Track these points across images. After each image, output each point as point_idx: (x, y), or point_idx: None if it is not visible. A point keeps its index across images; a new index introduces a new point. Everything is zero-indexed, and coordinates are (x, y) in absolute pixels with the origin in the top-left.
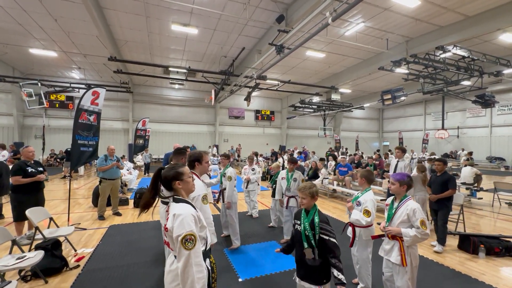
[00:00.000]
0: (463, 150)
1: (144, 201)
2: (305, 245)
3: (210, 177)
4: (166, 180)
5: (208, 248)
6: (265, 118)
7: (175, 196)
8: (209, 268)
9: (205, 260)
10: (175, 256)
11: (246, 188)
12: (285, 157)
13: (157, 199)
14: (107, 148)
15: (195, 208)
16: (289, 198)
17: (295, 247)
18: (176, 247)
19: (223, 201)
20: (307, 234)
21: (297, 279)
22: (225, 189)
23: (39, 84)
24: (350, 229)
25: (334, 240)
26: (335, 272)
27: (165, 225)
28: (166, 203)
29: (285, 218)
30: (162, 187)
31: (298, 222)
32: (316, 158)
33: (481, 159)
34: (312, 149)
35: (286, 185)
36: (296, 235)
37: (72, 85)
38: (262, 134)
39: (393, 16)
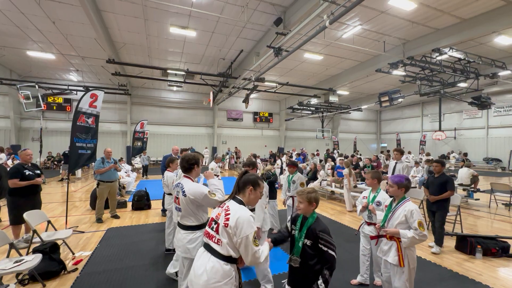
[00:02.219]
0: (452, 152)
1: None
2: (295, 253)
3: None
4: (245, 182)
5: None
6: (264, 120)
7: (238, 197)
8: (238, 274)
9: (233, 265)
10: (214, 252)
11: None
12: (284, 159)
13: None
14: (104, 151)
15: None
16: (288, 197)
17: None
18: (247, 245)
19: None
20: (301, 242)
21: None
22: (252, 209)
23: (36, 86)
24: (369, 228)
25: (333, 253)
26: (320, 281)
27: (212, 218)
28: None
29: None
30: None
31: (294, 227)
32: (316, 160)
33: (477, 160)
34: (310, 151)
35: (287, 186)
36: (291, 239)
37: (70, 87)
38: (261, 136)
39: (390, 19)
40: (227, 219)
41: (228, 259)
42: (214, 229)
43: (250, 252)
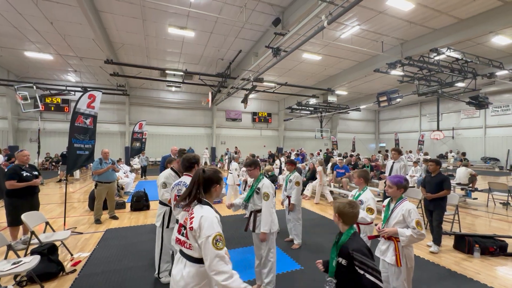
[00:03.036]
0: (451, 151)
1: (189, 200)
2: (329, 273)
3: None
4: (209, 181)
5: None
6: (262, 120)
7: (202, 198)
8: None
9: None
10: (189, 257)
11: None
12: (283, 159)
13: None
14: (101, 152)
15: (216, 212)
16: (285, 198)
17: None
18: (206, 248)
19: (253, 229)
20: (335, 261)
21: None
22: (258, 211)
23: (34, 87)
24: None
25: (372, 279)
26: None
27: (181, 224)
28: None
29: (287, 218)
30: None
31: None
32: (315, 160)
33: (475, 160)
34: (309, 151)
35: (284, 185)
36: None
37: (68, 88)
38: (260, 136)
39: (388, 19)
40: (191, 222)
41: (203, 260)
42: (184, 235)
43: (209, 255)
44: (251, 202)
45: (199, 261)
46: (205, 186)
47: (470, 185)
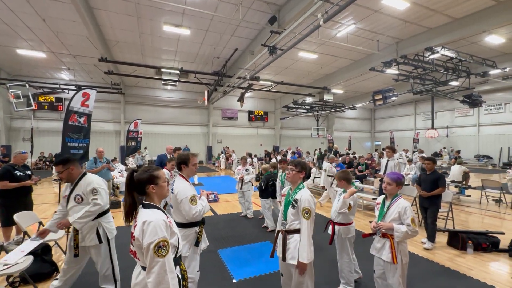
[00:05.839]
0: (444, 148)
1: (126, 209)
2: None
3: None
4: (140, 183)
5: (178, 255)
6: (259, 119)
7: (144, 202)
8: (180, 276)
9: (175, 267)
10: (142, 267)
11: (241, 188)
12: (279, 157)
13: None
14: (96, 151)
15: (165, 214)
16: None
17: None
18: (147, 256)
19: (283, 257)
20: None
21: None
22: (290, 232)
23: (27, 85)
24: (330, 227)
25: None
26: None
27: (132, 233)
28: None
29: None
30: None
31: None
32: (311, 159)
33: (469, 158)
34: (305, 150)
35: (280, 185)
36: None
37: (62, 86)
38: (256, 135)
39: (383, 18)
40: (134, 229)
41: None
42: (132, 244)
43: (148, 263)
44: (287, 218)
45: None
46: (139, 189)
47: (464, 182)
